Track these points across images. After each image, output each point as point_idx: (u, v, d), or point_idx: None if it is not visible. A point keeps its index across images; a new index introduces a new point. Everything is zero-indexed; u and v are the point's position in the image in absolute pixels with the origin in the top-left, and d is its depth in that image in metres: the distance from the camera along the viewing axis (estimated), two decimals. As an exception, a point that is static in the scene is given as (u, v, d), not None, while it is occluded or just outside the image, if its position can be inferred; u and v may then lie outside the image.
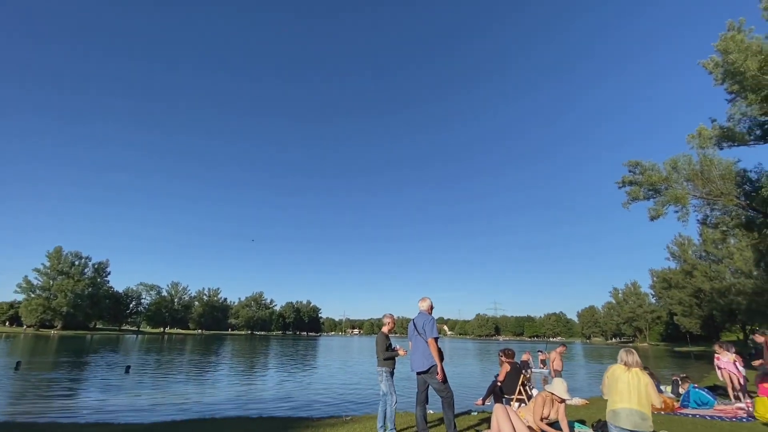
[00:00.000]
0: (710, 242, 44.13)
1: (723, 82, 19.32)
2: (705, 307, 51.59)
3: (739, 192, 19.48)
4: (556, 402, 5.08)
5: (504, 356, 7.59)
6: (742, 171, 19.92)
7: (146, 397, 10.98)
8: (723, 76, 19.08)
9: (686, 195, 19.79)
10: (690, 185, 20.32)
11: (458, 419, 7.43)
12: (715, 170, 20.04)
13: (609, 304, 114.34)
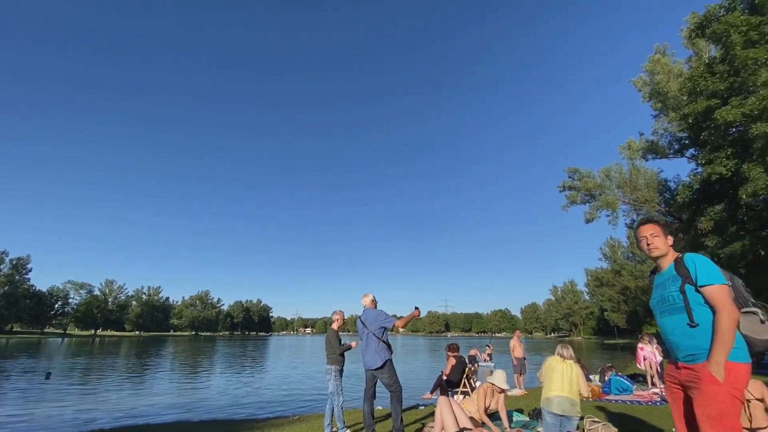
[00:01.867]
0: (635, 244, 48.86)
1: (650, 99, 21.50)
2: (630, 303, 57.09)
3: (660, 199, 21.80)
4: (496, 392, 5.37)
5: (450, 351, 7.88)
6: (664, 180, 22.31)
7: (70, 406, 10.03)
8: (650, 94, 21.19)
9: (616, 201, 21.80)
10: (620, 192, 22.40)
11: (406, 413, 7.59)
12: (642, 179, 22.25)
13: (549, 301, 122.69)
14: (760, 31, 13.79)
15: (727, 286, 2.05)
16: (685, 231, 17.87)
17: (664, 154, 22.02)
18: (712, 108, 14.58)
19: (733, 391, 1.91)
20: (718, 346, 1.94)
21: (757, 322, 2.08)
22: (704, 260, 2.15)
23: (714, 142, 15.17)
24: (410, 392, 10.87)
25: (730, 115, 13.39)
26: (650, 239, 2.35)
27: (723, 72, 14.93)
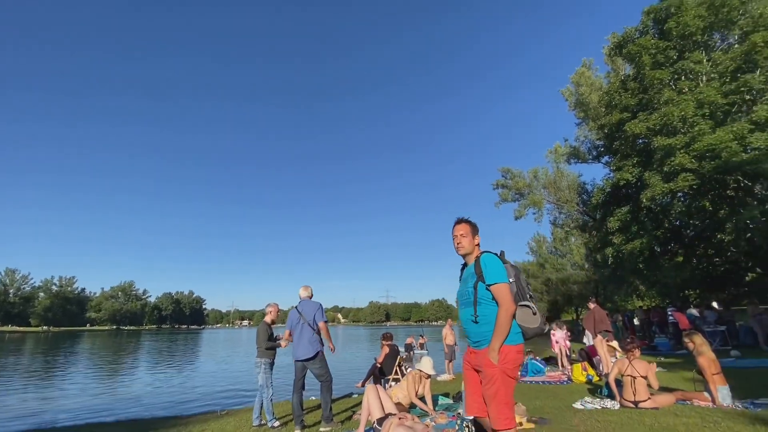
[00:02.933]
0: (558, 240, 53.78)
1: (574, 108, 23.60)
2: (552, 294, 62.73)
3: (579, 200, 24.18)
4: (423, 378, 5.70)
5: (384, 340, 8.14)
6: (582, 183, 24.76)
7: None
8: (574, 104, 23.25)
9: (542, 200, 23.79)
10: (546, 192, 24.46)
11: (339, 402, 7.75)
12: (564, 181, 24.47)
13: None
14: (666, 55, 15.74)
15: (508, 285, 2.38)
16: (597, 229, 20.08)
17: (584, 159, 24.42)
18: (623, 120, 16.41)
19: (506, 370, 2.28)
20: (495, 336, 2.29)
21: (529, 314, 2.42)
22: (493, 261, 2.47)
23: (624, 151, 17.13)
24: (345, 381, 11.07)
25: (637, 128, 15.19)
26: (459, 239, 2.63)
27: (634, 89, 16.84)
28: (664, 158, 14.05)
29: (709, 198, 14.84)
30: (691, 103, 13.78)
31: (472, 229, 2.67)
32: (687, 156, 13.29)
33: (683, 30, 14.95)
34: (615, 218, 16.52)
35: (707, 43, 15.59)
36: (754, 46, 13.12)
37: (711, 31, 15.30)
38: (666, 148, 13.87)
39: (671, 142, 13.73)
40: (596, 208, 19.58)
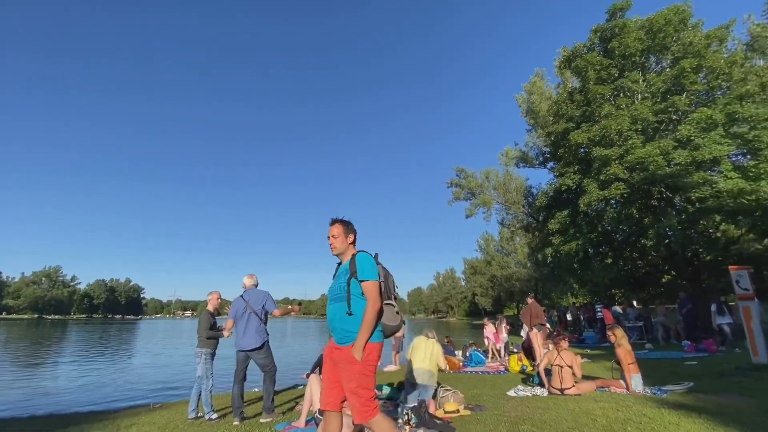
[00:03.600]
0: (504, 239, 56.70)
1: (526, 115, 24.84)
2: (496, 289, 66.19)
3: (525, 202, 25.64)
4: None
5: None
6: (529, 187, 26.23)
7: None
8: (526, 111, 24.46)
9: (492, 200, 24.93)
10: (495, 193, 25.66)
11: (283, 394, 7.64)
12: (513, 184, 25.78)
13: (432, 286, 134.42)
14: (609, 72, 17.02)
15: (377, 282, 2.49)
16: (539, 230, 21.41)
17: (532, 164, 25.87)
18: (568, 130, 17.55)
19: (367, 365, 2.36)
20: (361, 333, 2.35)
21: (393, 313, 2.59)
22: (367, 260, 2.57)
23: (567, 159, 18.35)
24: (292, 373, 10.94)
25: (579, 138, 16.32)
26: (331, 240, 2.71)
27: (579, 101, 18.05)
28: (601, 167, 15.25)
29: (636, 206, 16.36)
30: (626, 119, 15.05)
31: (345, 229, 2.73)
32: (620, 167, 14.52)
33: (624, 50, 16.25)
34: (555, 221, 17.70)
35: (644, 65, 17.07)
36: (683, 71, 14.57)
37: (648, 54, 16.75)
38: (603, 158, 15.06)
39: (608, 153, 14.92)
40: (539, 211, 20.85)
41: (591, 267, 17.60)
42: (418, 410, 4.11)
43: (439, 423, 4.04)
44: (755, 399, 4.78)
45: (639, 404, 4.79)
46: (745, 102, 13.32)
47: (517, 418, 4.42)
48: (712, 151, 12.58)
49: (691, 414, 4.20)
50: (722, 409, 4.37)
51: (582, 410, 4.61)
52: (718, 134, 12.90)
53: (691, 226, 14.09)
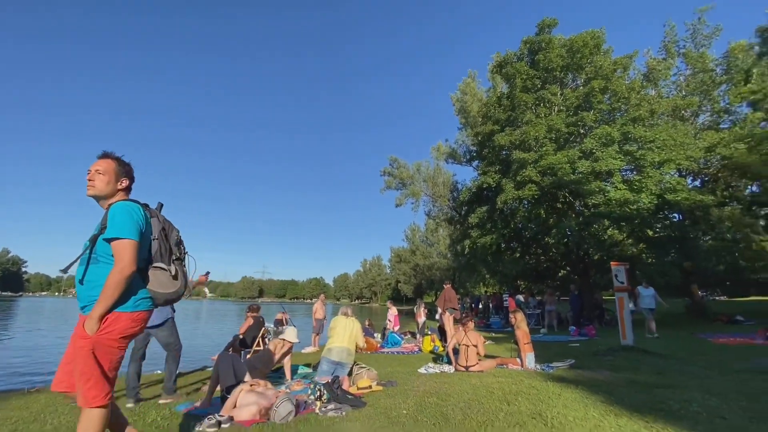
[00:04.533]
0: (429, 231, 59.59)
1: (458, 114, 26.04)
2: (418, 277, 69.48)
3: (450, 196, 27.05)
4: (287, 346, 5.67)
5: (249, 311, 7.82)
6: (455, 182, 27.70)
7: None
8: (459, 110, 25.62)
9: (420, 192, 25.90)
10: (425, 185, 26.65)
11: (190, 375, 7.18)
12: (441, 178, 26.99)
13: (358, 272, 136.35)
14: (533, 82, 18.50)
15: (133, 242, 1.98)
16: (461, 223, 22.80)
17: (460, 161, 27.33)
18: (494, 132, 18.81)
19: (107, 338, 1.92)
20: (99, 301, 1.91)
21: (166, 277, 2.14)
22: (121, 211, 2.05)
23: (490, 159, 19.70)
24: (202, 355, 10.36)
25: (502, 140, 17.59)
26: (93, 175, 2.12)
27: (506, 106, 19.40)
28: (518, 169, 16.64)
29: (544, 207, 18.19)
30: (543, 127, 16.56)
31: (118, 169, 2.17)
32: (534, 170, 15.98)
33: (548, 64, 17.77)
34: (475, 215, 18.98)
35: (563, 80, 18.87)
36: (593, 90, 16.40)
37: (567, 71, 18.53)
38: (520, 161, 16.44)
39: (525, 157, 16.31)
40: (462, 205, 22.17)
41: (502, 260, 19.26)
42: (331, 386, 4.15)
43: (350, 398, 4.13)
44: (620, 374, 5.67)
45: (530, 378, 5.39)
46: (637, 125, 15.49)
47: (424, 392, 4.69)
48: (608, 164, 14.45)
49: (570, 386, 4.85)
50: (595, 382, 5.11)
51: (482, 384, 5.05)
52: (614, 150, 14.85)
53: (585, 228, 16.10)
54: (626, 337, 7.80)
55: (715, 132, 16.55)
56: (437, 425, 3.40)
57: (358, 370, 5.33)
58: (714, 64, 18.24)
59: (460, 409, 3.88)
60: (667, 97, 18.32)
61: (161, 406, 4.34)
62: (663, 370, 5.75)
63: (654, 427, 3.19)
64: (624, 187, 14.42)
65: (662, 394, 4.26)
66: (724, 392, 4.27)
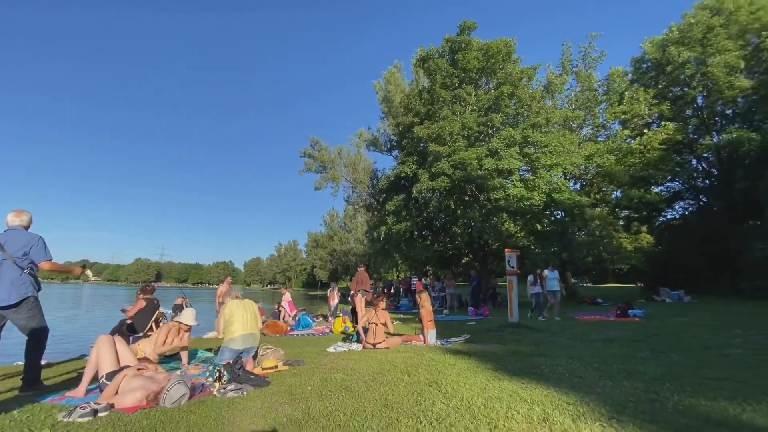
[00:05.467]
0: (348, 216, 59.89)
1: (382, 102, 26.34)
2: (335, 263, 69.57)
3: (370, 183, 27.44)
4: (182, 330, 5.23)
5: (142, 293, 7.04)
6: (375, 170, 28.15)
7: None
8: (382, 98, 25.92)
9: (341, 177, 25.78)
10: (345, 170, 26.58)
11: (66, 364, 6.26)
12: (362, 165, 27.16)
13: (272, 256, 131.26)
14: (452, 80, 19.51)
15: None
16: (378, 210, 23.36)
17: (381, 150, 27.80)
18: (414, 124, 19.50)
19: None
20: None
21: None
22: None
23: (409, 150, 20.42)
24: (79, 342, 9.14)
25: (421, 133, 18.34)
26: None
27: (426, 100, 20.20)
28: (433, 162, 17.55)
29: (453, 199, 19.53)
30: (458, 124, 17.65)
31: None
32: (447, 164, 17.00)
33: (466, 65, 18.89)
34: (392, 203, 19.58)
35: (477, 82, 20.25)
36: (502, 94, 17.92)
37: (481, 74, 19.93)
38: (436, 154, 17.34)
39: (440, 150, 17.25)
40: (381, 192, 22.68)
41: (414, 246, 20.27)
42: (232, 367, 3.97)
43: (253, 378, 4.01)
44: (506, 346, 6.43)
45: (430, 353, 5.82)
46: (535, 130, 17.40)
47: (331, 369, 4.77)
48: (509, 163, 16.01)
49: (464, 357, 5.37)
50: (485, 353, 5.72)
51: (387, 360, 5.31)
52: (515, 151, 16.50)
53: (487, 220, 17.74)
54: (513, 315, 8.86)
55: (593, 143, 19.42)
56: (341, 398, 3.49)
57: (264, 351, 5.18)
58: (597, 85, 21.28)
59: (364, 382, 4.03)
60: (560, 108, 20.88)
61: (21, 398, 3.71)
62: (539, 342, 6.68)
63: (528, 387, 3.70)
64: (521, 185, 16.17)
65: (537, 361, 4.96)
66: (583, 357, 5.13)
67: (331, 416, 3.00)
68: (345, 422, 2.86)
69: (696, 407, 3.00)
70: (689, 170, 21.69)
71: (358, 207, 30.76)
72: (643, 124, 20.98)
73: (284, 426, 2.83)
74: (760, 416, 2.76)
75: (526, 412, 2.97)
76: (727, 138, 18.01)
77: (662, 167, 19.35)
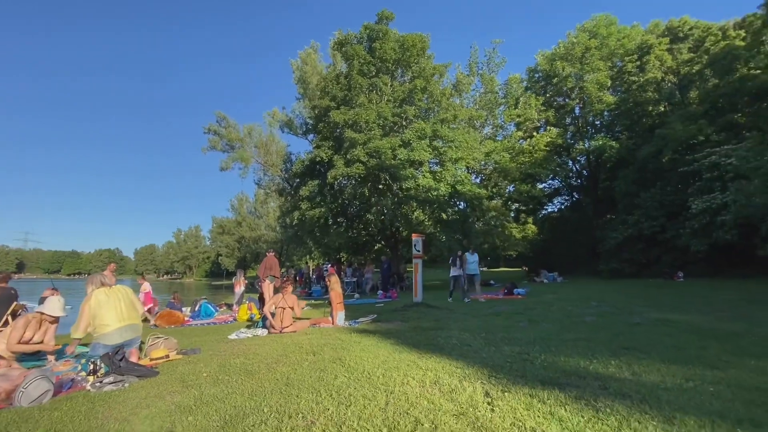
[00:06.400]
0: (259, 201, 56.73)
1: (298, 83, 25.31)
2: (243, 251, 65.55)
3: (284, 167, 26.32)
4: (46, 322, 4.47)
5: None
6: (289, 153, 27.06)
7: None
8: (298, 79, 24.92)
9: (251, 158, 24.23)
10: (256, 151, 25.04)
11: None
12: (275, 147, 25.90)
13: (170, 243, 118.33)
14: (369, 68, 19.57)
15: None
16: (292, 195, 22.59)
17: (296, 132, 26.78)
18: (330, 108, 19.16)
19: None
20: None
21: None
22: None
23: (325, 134, 20.06)
24: None
25: (338, 118, 18.13)
26: None
27: (343, 85, 19.97)
28: (349, 148, 17.54)
29: (368, 187, 19.84)
30: (374, 112, 17.86)
31: None
32: (363, 151, 17.15)
33: (383, 54, 19.12)
34: (307, 188, 19.13)
35: (393, 73, 20.67)
36: (415, 87, 18.58)
37: (398, 65, 20.38)
38: (352, 141, 17.36)
39: (356, 137, 17.30)
40: (295, 177, 21.95)
41: (328, 232, 20.15)
42: (111, 358, 3.54)
43: (137, 368, 3.63)
44: (409, 323, 6.83)
45: (338, 333, 5.91)
46: (444, 125, 18.49)
47: (231, 355, 4.55)
48: (420, 155, 16.79)
49: (369, 335, 5.57)
50: (389, 330, 6.01)
51: (293, 342, 5.25)
52: (426, 144, 17.35)
53: (399, 208, 18.43)
54: (417, 296, 9.43)
55: (492, 141, 21.42)
56: (239, 381, 3.37)
57: (152, 341, 4.70)
58: (498, 88, 23.43)
59: (266, 365, 3.94)
60: (467, 107, 22.50)
61: None
62: (439, 319, 7.24)
63: (424, 356, 4.01)
64: (430, 176, 17.11)
65: (434, 334, 5.38)
66: (474, 329, 5.72)
67: (227, 399, 2.88)
68: (241, 403, 2.77)
69: (557, 363, 3.58)
70: (566, 170, 25.29)
71: (270, 191, 29.26)
72: (533, 128, 23.80)
73: (171, 413, 2.63)
74: (602, 366, 3.41)
75: (420, 377, 3.22)
76: (594, 144, 21.41)
77: (546, 166, 22.26)
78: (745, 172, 13.02)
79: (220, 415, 2.55)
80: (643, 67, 21.10)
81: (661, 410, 2.30)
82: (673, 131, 17.62)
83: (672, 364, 3.38)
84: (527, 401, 2.54)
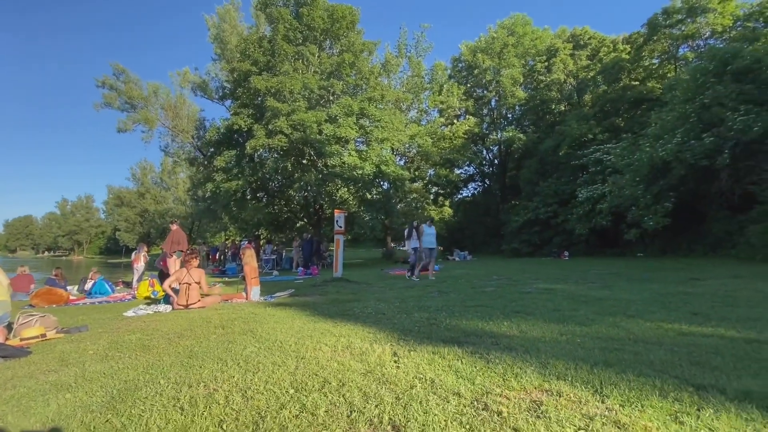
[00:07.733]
0: (166, 172, 51.19)
1: (214, 41, 22.94)
2: (146, 225, 58.98)
3: (196, 134, 23.98)
4: None
5: None
6: (202, 119, 24.71)
7: None
8: (215, 37, 22.61)
9: (156, 120, 21.55)
10: (162, 113, 22.34)
11: None
12: (186, 110, 23.41)
13: (52, 215, 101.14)
14: (295, 35, 18.54)
15: None
16: (205, 165, 20.78)
17: (211, 97, 24.38)
18: (251, 73, 17.83)
19: None
20: None
21: None
22: None
23: (244, 100, 18.69)
24: None
25: (259, 84, 16.99)
26: None
27: (266, 49, 18.68)
28: (271, 118, 16.63)
29: (291, 162, 19.15)
30: (299, 82, 17.10)
31: None
32: (286, 122, 16.40)
33: (311, 22, 18.24)
34: (222, 158, 17.78)
35: (322, 44, 19.89)
36: (344, 61, 18.16)
37: (326, 36, 19.63)
38: (274, 110, 16.46)
39: (279, 107, 16.44)
40: (209, 146, 20.20)
41: (246, 207, 19.10)
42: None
43: (2, 348, 3.10)
44: (327, 296, 6.87)
45: (252, 307, 5.71)
46: (371, 104, 18.47)
47: (125, 331, 4.13)
48: (346, 132, 16.61)
49: (285, 308, 5.48)
50: (306, 303, 5.98)
51: (200, 318, 4.94)
52: (353, 121, 17.20)
53: (323, 185, 18.16)
54: (338, 271, 9.51)
55: (416, 125, 22.05)
56: (133, 356, 3.08)
57: (24, 319, 4.04)
58: (425, 73, 24.01)
59: (166, 340, 3.65)
60: (394, 88, 22.71)
61: None
62: (357, 292, 7.41)
63: (338, 324, 4.08)
64: (355, 155, 17.09)
65: (351, 305, 5.50)
66: (389, 300, 5.97)
67: (116, 375, 2.62)
68: (134, 377, 2.55)
69: (459, 325, 3.92)
70: (480, 158, 27.24)
71: (179, 160, 26.36)
72: (454, 115, 25.03)
73: (44, 393, 2.31)
74: (495, 326, 3.82)
75: (333, 343, 3.28)
76: (506, 135, 23.32)
77: (463, 153, 23.69)
78: (619, 167, 15.37)
79: (106, 390, 2.32)
80: (550, 68, 23.33)
81: (539, 358, 2.68)
82: (569, 128, 19.95)
83: (551, 322, 3.94)
84: (429, 357, 2.75)
